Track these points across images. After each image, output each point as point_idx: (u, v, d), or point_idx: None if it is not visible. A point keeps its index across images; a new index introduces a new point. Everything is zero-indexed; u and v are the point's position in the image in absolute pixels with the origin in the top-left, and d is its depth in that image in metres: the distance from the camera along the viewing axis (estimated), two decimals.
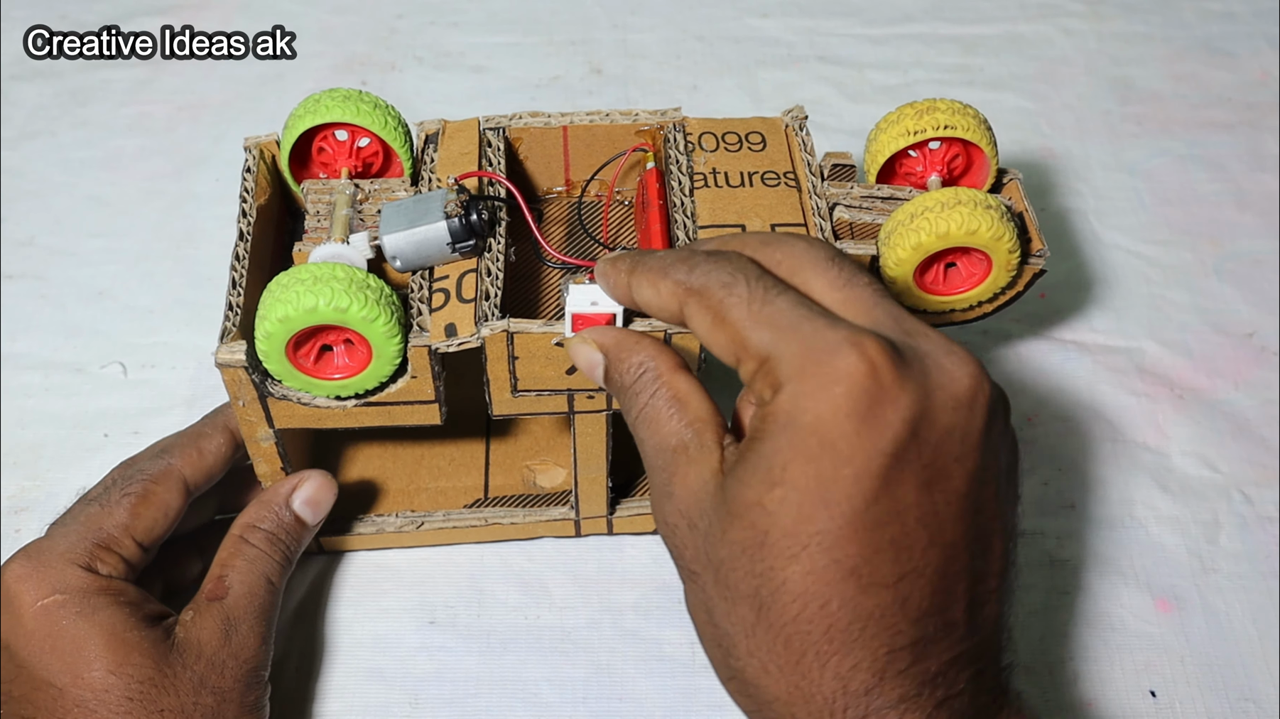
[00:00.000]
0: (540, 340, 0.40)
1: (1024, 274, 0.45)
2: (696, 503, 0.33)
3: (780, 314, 0.32)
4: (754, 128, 0.47)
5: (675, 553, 0.34)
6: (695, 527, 0.33)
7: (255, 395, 0.41)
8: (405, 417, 0.42)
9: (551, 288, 0.46)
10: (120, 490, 0.43)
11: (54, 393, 0.56)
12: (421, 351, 0.40)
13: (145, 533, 0.42)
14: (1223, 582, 0.50)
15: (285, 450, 0.44)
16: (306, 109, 0.45)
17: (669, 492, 0.34)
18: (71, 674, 0.39)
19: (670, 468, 0.34)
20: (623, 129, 0.47)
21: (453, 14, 0.77)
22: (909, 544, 0.31)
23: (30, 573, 0.40)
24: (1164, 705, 0.47)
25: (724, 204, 0.44)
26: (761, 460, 0.32)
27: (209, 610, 0.42)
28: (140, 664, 0.39)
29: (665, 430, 0.35)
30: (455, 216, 0.40)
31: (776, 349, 0.32)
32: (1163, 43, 0.75)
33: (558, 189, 0.49)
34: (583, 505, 0.49)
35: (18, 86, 0.71)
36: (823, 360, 0.31)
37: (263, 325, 0.38)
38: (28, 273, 0.62)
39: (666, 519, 0.34)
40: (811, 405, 0.31)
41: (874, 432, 0.31)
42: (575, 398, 0.42)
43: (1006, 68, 0.73)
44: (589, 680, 0.47)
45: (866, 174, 0.48)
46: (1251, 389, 0.57)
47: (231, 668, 0.41)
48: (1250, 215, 0.65)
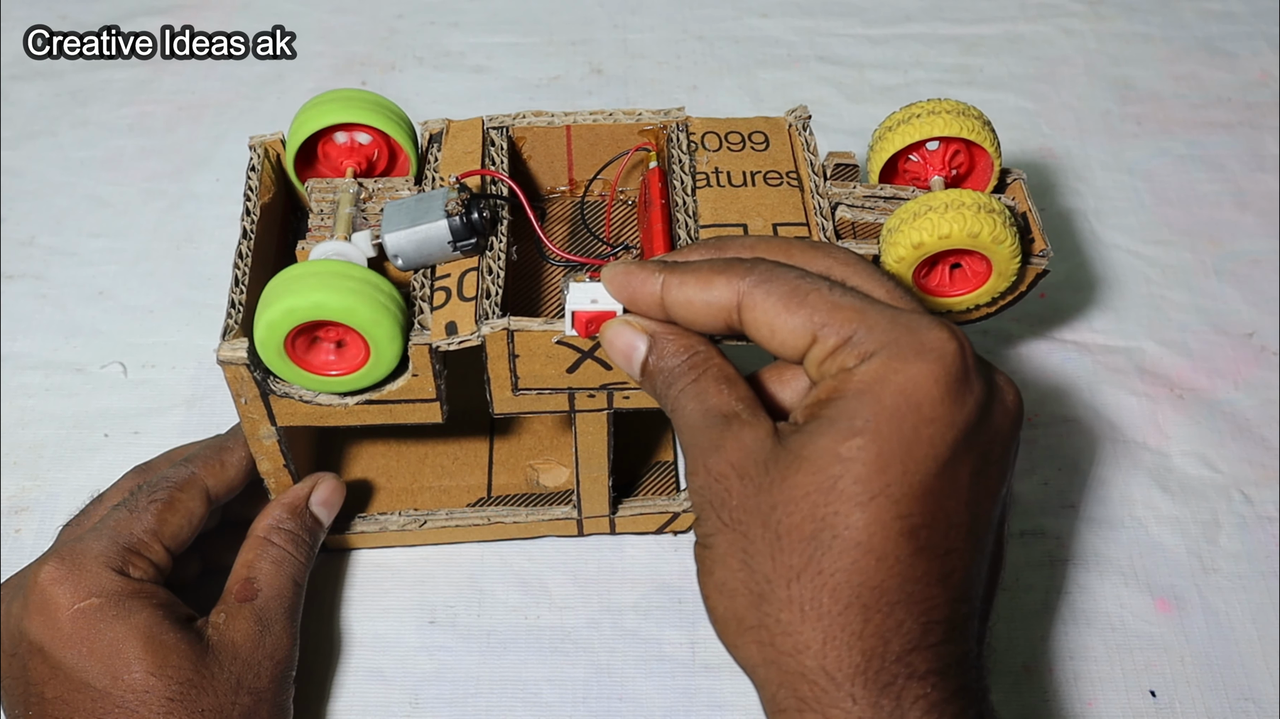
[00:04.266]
0: (541, 338, 0.40)
1: (1026, 275, 0.45)
2: (750, 455, 0.34)
3: (863, 298, 0.34)
4: (757, 127, 0.47)
5: (716, 504, 0.34)
6: (746, 475, 0.34)
7: (257, 393, 0.41)
8: (407, 415, 0.42)
9: (554, 287, 0.46)
10: (147, 497, 0.43)
11: (54, 393, 0.56)
12: (423, 350, 0.40)
13: (171, 539, 0.43)
14: (1223, 582, 0.50)
15: (288, 449, 0.44)
16: (314, 108, 0.45)
17: (718, 445, 0.34)
18: (111, 676, 0.39)
19: (721, 428, 0.35)
20: (626, 128, 0.47)
21: (453, 14, 0.77)
22: (957, 523, 0.33)
23: (65, 576, 0.40)
24: (1164, 705, 0.47)
25: (726, 203, 0.44)
26: (840, 415, 0.33)
27: (241, 612, 0.42)
28: (179, 666, 0.40)
29: (715, 401, 0.36)
30: (456, 215, 0.40)
31: (865, 323, 0.33)
32: (1163, 43, 0.75)
33: (561, 188, 0.49)
34: (585, 504, 0.49)
35: (18, 86, 0.71)
36: (917, 332, 0.33)
37: (266, 314, 0.38)
38: (28, 273, 0.62)
39: (712, 469, 0.34)
40: (903, 368, 0.32)
41: (956, 405, 0.33)
42: (576, 397, 0.42)
43: (1006, 68, 0.73)
44: (589, 680, 0.47)
45: (869, 174, 0.48)
46: (1251, 389, 0.57)
47: (267, 668, 0.42)
48: (1250, 215, 0.65)
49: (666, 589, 0.50)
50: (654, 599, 0.49)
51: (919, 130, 0.46)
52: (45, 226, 0.64)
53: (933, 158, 0.47)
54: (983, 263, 0.44)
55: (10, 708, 0.41)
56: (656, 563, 0.50)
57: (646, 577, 0.50)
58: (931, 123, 0.46)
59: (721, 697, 0.47)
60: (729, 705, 0.47)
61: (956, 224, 0.42)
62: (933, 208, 0.42)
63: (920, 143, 0.46)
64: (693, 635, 0.48)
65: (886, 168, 0.47)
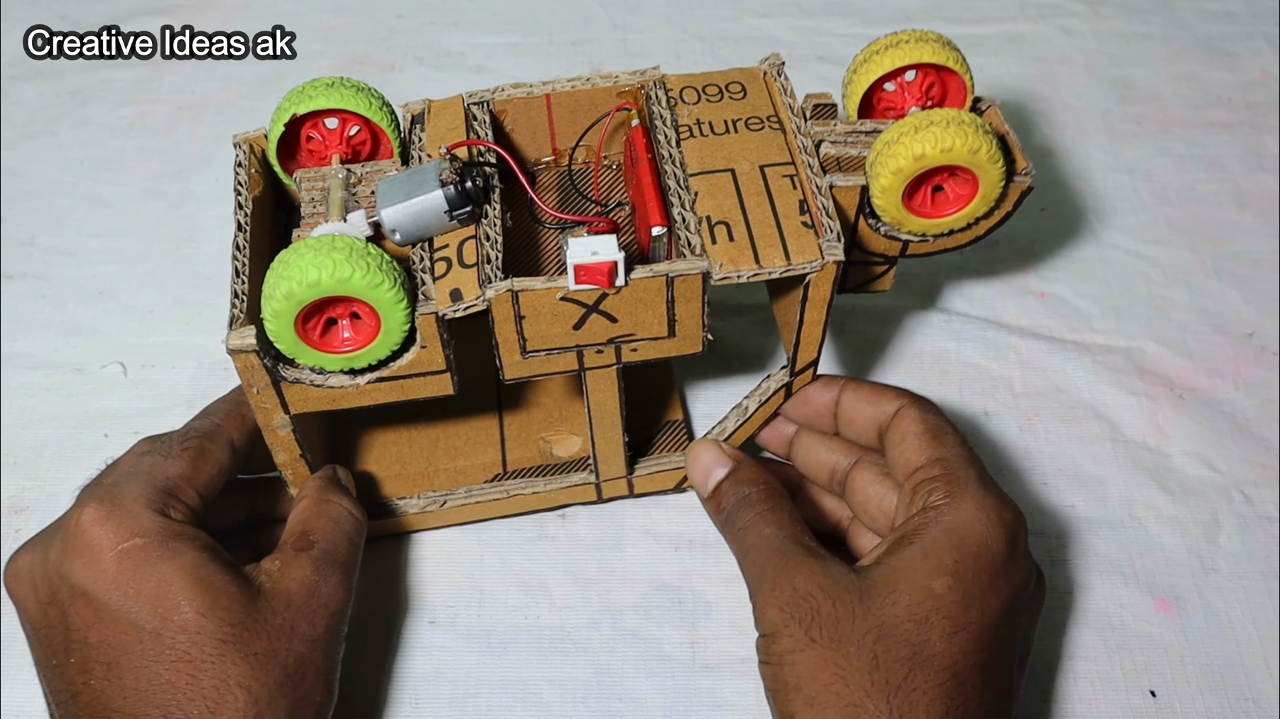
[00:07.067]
0: (545, 296, 0.40)
1: (1010, 193, 0.46)
2: (838, 582, 0.39)
3: (972, 457, 0.43)
4: (733, 78, 0.47)
5: (804, 621, 0.39)
6: (839, 599, 0.39)
7: (269, 380, 0.41)
8: (418, 389, 0.42)
9: (549, 252, 0.46)
10: (179, 445, 0.43)
11: (54, 393, 0.56)
12: (429, 319, 0.40)
13: (204, 485, 0.42)
14: (1223, 581, 0.50)
15: (303, 439, 0.44)
16: (291, 99, 0.45)
17: (802, 567, 0.40)
18: (160, 617, 0.38)
19: (803, 554, 0.41)
20: (604, 92, 0.47)
21: (453, 14, 0.77)
22: (1009, 666, 0.40)
23: (106, 516, 0.39)
24: (1164, 705, 0.47)
25: (711, 151, 0.44)
26: (932, 549, 0.40)
27: (297, 560, 0.41)
28: (229, 607, 0.39)
29: (792, 531, 0.42)
30: (451, 184, 0.40)
31: (963, 475, 0.42)
32: (1163, 43, 0.75)
33: (546, 159, 0.49)
34: (602, 468, 0.49)
35: (18, 86, 0.71)
36: (994, 502, 0.41)
37: (269, 304, 0.38)
38: (28, 273, 0.62)
39: (800, 588, 0.39)
40: (980, 528, 0.40)
41: (1016, 567, 0.41)
42: (585, 354, 0.43)
43: (1006, 68, 0.73)
44: (589, 680, 0.47)
45: (847, 112, 0.49)
46: (1251, 389, 0.57)
47: (322, 616, 0.41)
48: (1250, 215, 0.65)
49: (666, 589, 0.50)
50: (654, 599, 0.49)
51: (902, 57, 0.46)
52: (45, 226, 0.64)
53: (907, 89, 0.47)
54: (968, 185, 0.45)
55: (47, 658, 0.39)
56: (656, 563, 0.50)
57: (646, 577, 0.50)
58: (916, 50, 0.46)
59: (721, 697, 0.47)
60: (729, 705, 0.47)
61: (959, 138, 0.42)
62: (934, 122, 0.43)
63: (896, 72, 0.47)
64: (693, 635, 0.48)
65: (863, 106, 0.48)
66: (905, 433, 0.44)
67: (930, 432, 0.43)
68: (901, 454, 0.43)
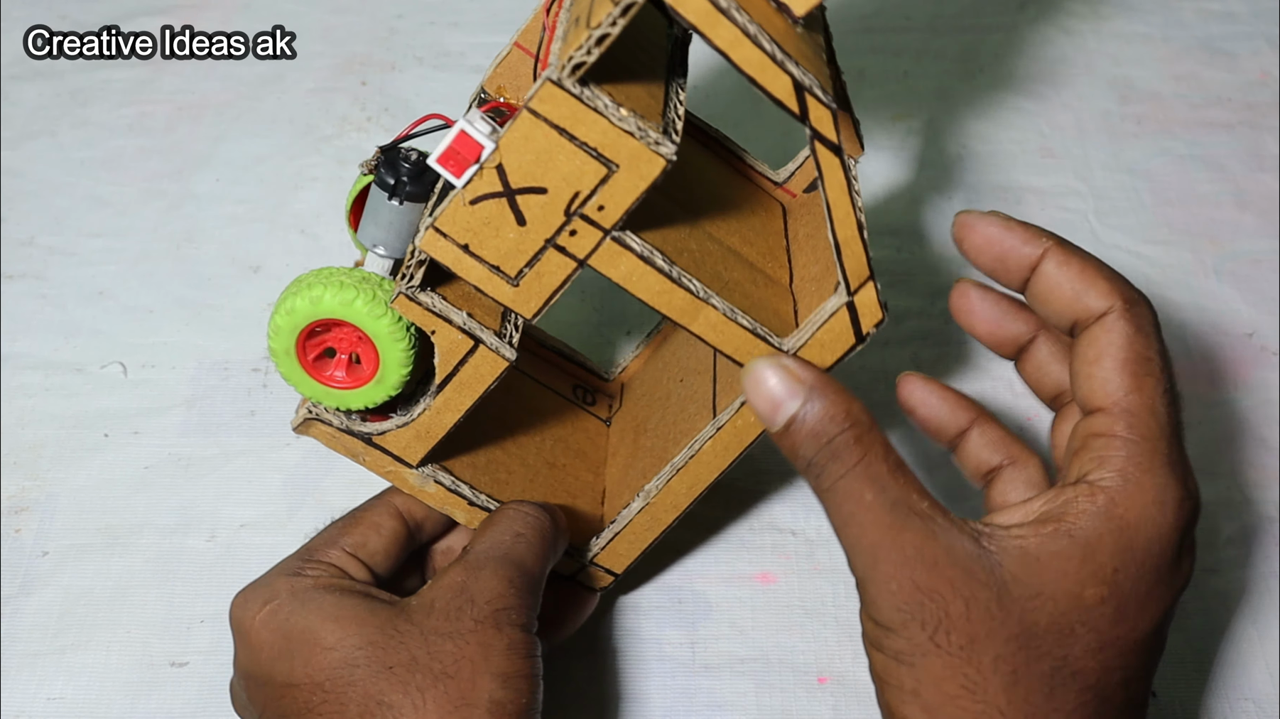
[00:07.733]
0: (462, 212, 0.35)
1: None
2: (972, 577, 0.33)
3: (1170, 417, 0.35)
4: None
5: (929, 624, 0.33)
6: (974, 602, 0.33)
7: (362, 444, 0.40)
8: (475, 380, 0.39)
9: None
10: (332, 523, 0.43)
11: (54, 393, 0.56)
12: (404, 302, 0.38)
13: (354, 546, 0.42)
14: (1223, 582, 0.50)
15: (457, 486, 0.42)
16: None
17: (922, 555, 0.33)
18: (305, 667, 0.38)
19: (919, 532, 0.33)
20: None
21: (453, 14, 0.77)
22: (1151, 677, 0.35)
23: (245, 596, 0.40)
24: (1164, 705, 0.47)
25: None
26: (1089, 553, 0.33)
27: (447, 569, 0.40)
28: (359, 631, 0.38)
29: (896, 493, 0.34)
30: (374, 170, 0.40)
31: (1149, 447, 0.34)
32: (1163, 43, 0.75)
33: None
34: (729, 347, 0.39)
35: (18, 86, 0.71)
36: (1176, 491, 0.34)
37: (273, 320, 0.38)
38: (28, 273, 0.62)
39: (923, 585, 0.33)
40: (1152, 528, 0.33)
41: (1178, 569, 0.34)
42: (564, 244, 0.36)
43: (1006, 68, 0.73)
44: (588, 680, 0.47)
45: None
46: (1251, 389, 0.57)
47: (469, 612, 0.38)
48: (1250, 215, 0.65)
49: (666, 589, 0.50)
50: (654, 599, 0.49)
51: None
52: (45, 226, 0.64)
53: None
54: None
55: None
56: (656, 563, 0.50)
57: (646, 576, 0.50)
58: None
59: (721, 697, 0.47)
60: (729, 705, 0.47)
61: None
62: None
63: None
64: (693, 635, 0.48)
65: None
66: (1101, 353, 0.35)
67: (1133, 363, 0.34)
68: (1087, 380, 0.35)
